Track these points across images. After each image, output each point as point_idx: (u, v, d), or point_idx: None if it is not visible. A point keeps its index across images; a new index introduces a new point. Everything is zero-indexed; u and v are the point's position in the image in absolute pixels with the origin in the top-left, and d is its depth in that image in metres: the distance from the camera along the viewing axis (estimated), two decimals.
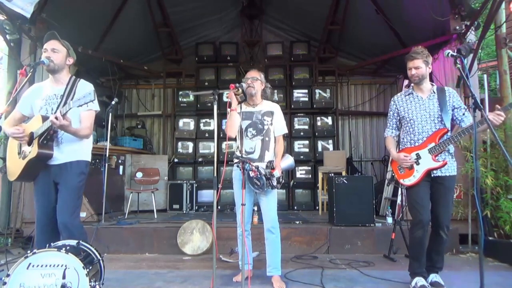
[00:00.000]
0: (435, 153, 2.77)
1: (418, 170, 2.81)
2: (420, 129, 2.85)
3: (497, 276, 3.32)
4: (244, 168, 2.79)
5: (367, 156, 7.64)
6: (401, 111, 2.97)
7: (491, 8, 4.31)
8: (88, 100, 2.28)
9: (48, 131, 2.46)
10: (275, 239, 3.01)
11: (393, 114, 3.04)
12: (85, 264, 2.12)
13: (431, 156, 2.78)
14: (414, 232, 2.84)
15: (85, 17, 5.49)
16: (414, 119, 2.88)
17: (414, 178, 2.82)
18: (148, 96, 8.01)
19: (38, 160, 2.48)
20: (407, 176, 2.86)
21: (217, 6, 6.84)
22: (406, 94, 2.99)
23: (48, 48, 2.61)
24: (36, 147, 2.45)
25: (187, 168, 7.02)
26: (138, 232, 4.42)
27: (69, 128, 2.45)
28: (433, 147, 2.78)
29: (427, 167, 2.79)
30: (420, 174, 2.80)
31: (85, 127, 2.62)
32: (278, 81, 7.16)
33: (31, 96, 2.70)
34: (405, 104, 2.96)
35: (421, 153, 2.82)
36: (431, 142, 2.79)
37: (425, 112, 2.86)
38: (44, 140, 2.47)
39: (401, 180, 2.90)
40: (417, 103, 2.91)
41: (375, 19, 5.74)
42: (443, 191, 2.81)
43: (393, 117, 3.04)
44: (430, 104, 2.86)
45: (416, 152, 2.84)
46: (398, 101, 3.01)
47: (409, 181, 2.84)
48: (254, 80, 3.10)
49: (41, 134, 2.45)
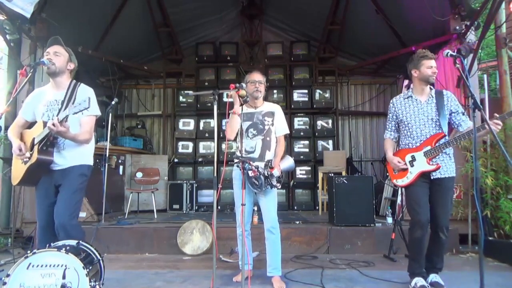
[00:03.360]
0: (430, 157, 2.79)
1: (412, 172, 2.84)
2: (418, 132, 2.87)
3: (497, 276, 3.32)
4: (244, 168, 2.79)
5: (367, 156, 7.64)
6: (399, 114, 2.98)
7: (491, 8, 4.31)
8: (83, 108, 2.28)
9: (48, 137, 2.48)
10: (275, 239, 3.01)
11: (392, 116, 3.05)
12: (85, 264, 2.12)
13: (426, 159, 2.80)
14: (413, 233, 2.85)
15: (85, 17, 5.49)
16: (412, 123, 2.89)
17: (407, 179, 2.86)
18: (148, 96, 8.01)
19: (38, 166, 2.50)
20: (400, 177, 2.90)
21: (217, 6, 6.84)
22: (405, 97, 2.99)
23: (51, 51, 2.62)
24: (36, 153, 2.47)
25: (187, 168, 7.02)
26: (138, 232, 4.42)
27: (67, 134, 2.46)
28: (428, 151, 2.80)
29: (420, 169, 2.81)
30: (413, 175, 2.83)
31: (85, 132, 2.62)
32: (278, 81, 7.16)
33: (33, 101, 2.72)
34: (403, 107, 2.96)
35: (416, 156, 2.84)
36: (427, 145, 2.81)
37: (424, 116, 2.86)
38: (43, 146, 2.49)
39: (395, 180, 2.95)
40: (416, 107, 2.91)
41: (375, 19, 5.74)
42: (441, 192, 2.81)
43: (392, 119, 3.05)
44: (428, 108, 2.87)
45: (412, 154, 2.86)
46: (397, 104, 3.01)
47: (402, 182, 2.89)
48: (260, 83, 3.12)
49: (41, 140, 2.47)
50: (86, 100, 2.29)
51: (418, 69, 2.86)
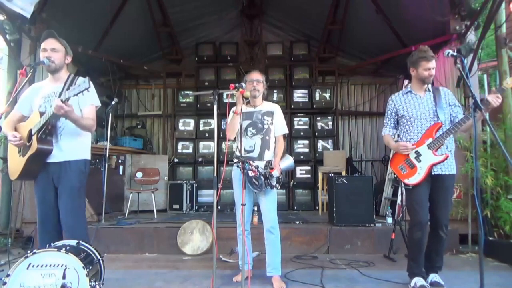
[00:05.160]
0: (435, 148, 2.75)
1: (422, 166, 2.77)
2: (419, 127, 2.84)
3: (497, 276, 3.31)
4: (244, 168, 2.79)
5: (367, 156, 7.64)
6: (400, 110, 2.95)
7: (491, 8, 4.30)
8: (83, 88, 2.26)
9: (46, 125, 2.45)
10: (275, 240, 3.01)
11: (391, 113, 3.02)
12: (85, 264, 2.12)
13: (431, 151, 2.76)
14: (413, 233, 2.83)
15: (85, 17, 5.49)
16: (414, 117, 2.86)
17: (419, 175, 2.77)
18: (148, 96, 8.01)
19: (38, 156, 2.47)
20: (411, 175, 2.80)
21: (217, 6, 6.84)
22: (405, 93, 2.98)
23: (48, 48, 2.61)
24: (35, 143, 2.45)
25: (187, 168, 7.02)
26: (138, 232, 4.42)
27: (73, 114, 2.44)
28: (431, 142, 2.76)
29: (430, 162, 2.75)
30: (425, 170, 2.75)
31: (89, 119, 2.61)
32: (278, 81, 7.16)
33: (30, 95, 2.71)
34: (404, 103, 2.94)
35: (421, 150, 2.80)
36: (428, 137, 2.78)
37: (424, 110, 2.85)
38: (42, 135, 2.47)
39: (405, 180, 2.83)
40: (416, 101, 2.90)
41: (375, 19, 5.74)
42: (442, 190, 2.80)
43: (391, 116, 3.02)
44: (428, 102, 2.87)
45: (415, 150, 2.81)
46: (397, 100, 2.99)
47: (414, 180, 2.78)
48: (258, 82, 3.12)
49: (39, 129, 2.44)
50: (85, 80, 2.27)
51: (415, 69, 2.86)
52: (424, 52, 2.82)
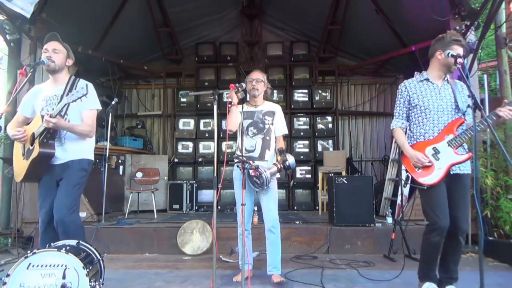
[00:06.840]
0: (456, 146, 2.48)
1: (441, 166, 2.48)
2: (436, 120, 2.55)
3: (497, 276, 3.31)
4: (244, 168, 2.79)
5: (367, 156, 7.64)
6: (414, 99, 2.62)
7: (491, 8, 4.31)
8: (81, 94, 2.30)
9: (48, 129, 2.49)
10: (275, 239, 3.02)
11: (403, 102, 2.67)
12: (85, 264, 2.12)
13: (452, 149, 2.48)
14: (430, 238, 2.53)
15: (85, 17, 5.49)
16: (430, 108, 2.56)
17: (437, 176, 2.47)
18: (148, 96, 8.02)
19: (40, 159, 2.51)
20: (427, 174, 2.50)
21: (217, 6, 6.84)
22: (420, 80, 2.65)
23: (49, 49, 2.64)
24: (37, 147, 2.48)
25: (187, 168, 7.02)
26: (138, 232, 4.42)
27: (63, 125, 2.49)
28: (452, 139, 2.48)
29: (450, 161, 2.47)
30: (444, 170, 2.47)
31: (85, 125, 2.64)
32: (278, 81, 7.16)
33: (32, 97, 2.74)
34: (419, 91, 2.62)
35: (439, 147, 2.51)
36: (449, 133, 2.50)
37: (442, 101, 2.56)
38: (44, 139, 2.50)
39: (421, 179, 2.51)
40: (433, 91, 2.59)
41: (375, 19, 5.75)
42: (462, 192, 2.56)
43: (404, 105, 2.67)
44: (446, 93, 2.59)
45: (433, 146, 2.52)
46: (411, 87, 2.65)
47: (431, 180, 2.48)
48: (258, 81, 3.11)
49: (41, 133, 2.49)
50: (83, 87, 2.31)
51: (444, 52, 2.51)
52: (457, 35, 2.57)
